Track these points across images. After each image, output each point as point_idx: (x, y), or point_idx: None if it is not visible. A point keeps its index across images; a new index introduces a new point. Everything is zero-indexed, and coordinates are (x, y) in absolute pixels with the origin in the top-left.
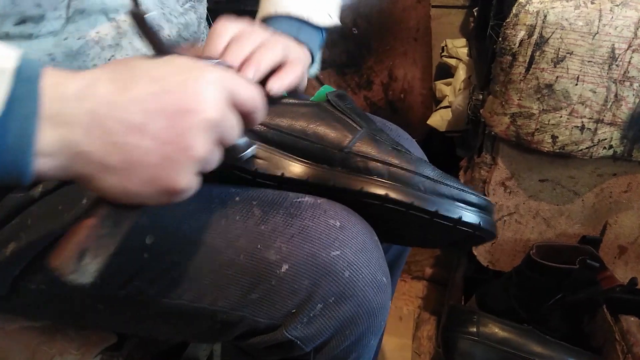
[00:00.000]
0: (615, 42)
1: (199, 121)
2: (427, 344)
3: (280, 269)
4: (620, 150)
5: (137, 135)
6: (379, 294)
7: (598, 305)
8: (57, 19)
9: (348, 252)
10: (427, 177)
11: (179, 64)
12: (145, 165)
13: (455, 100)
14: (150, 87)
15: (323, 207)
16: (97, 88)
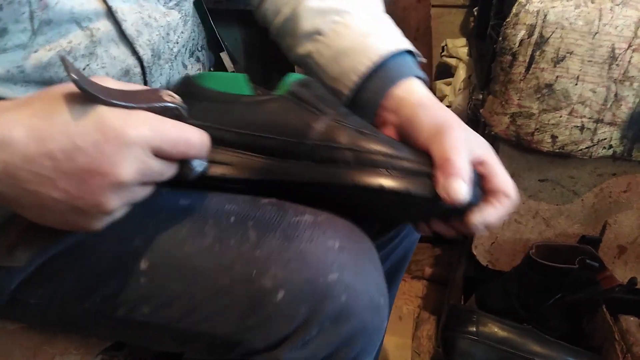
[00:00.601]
0: (616, 42)
1: (110, 184)
2: (427, 343)
3: (276, 296)
4: (620, 150)
5: (48, 187)
6: (376, 315)
7: (597, 305)
8: (23, 31)
9: (346, 275)
10: (397, 157)
11: (101, 117)
12: (57, 211)
13: (455, 100)
14: (64, 144)
15: (322, 228)
16: (13, 138)
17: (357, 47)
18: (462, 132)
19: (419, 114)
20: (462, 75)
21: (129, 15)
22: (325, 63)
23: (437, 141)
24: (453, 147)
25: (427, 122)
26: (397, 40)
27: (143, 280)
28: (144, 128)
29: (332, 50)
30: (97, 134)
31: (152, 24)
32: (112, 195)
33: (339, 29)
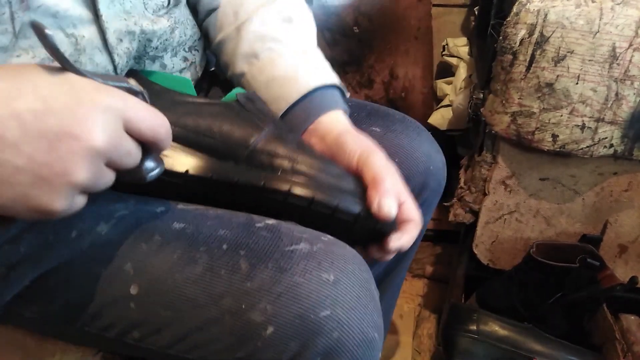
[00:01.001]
0: (616, 41)
1: (81, 148)
2: (428, 342)
3: (265, 331)
4: (621, 149)
5: (11, 152)
6: (368, 351)
7: (598, 303)
8: (3, 33)
9: (339, 311)
10: (330, 173)
11: (74, 83)
12: (15, 183)
13: (456, 99)
14: (34, 104)
15: (317, 259)
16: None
17: (288, 76)
18: (385, 157)
19: (347, 140)
20: (462, 74)
21: (113, 23)
22: (257, 87)
23: (369, 163)
24: (384, 169)
25: (355, 147)
26: (326, 74)
27: (133, 305)
28: (117, 98)
29: (264, 75)
30: (70, 97)
31: (136, 31)
32: (82, 163)
33: (274, 57)
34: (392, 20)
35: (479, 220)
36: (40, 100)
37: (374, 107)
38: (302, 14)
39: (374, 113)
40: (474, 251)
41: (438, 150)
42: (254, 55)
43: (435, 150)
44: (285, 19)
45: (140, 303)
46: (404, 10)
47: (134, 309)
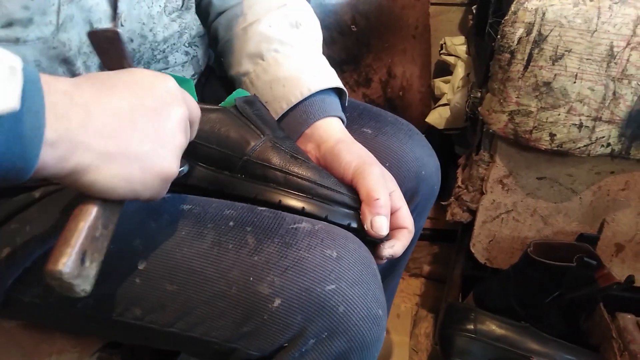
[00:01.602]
0: (614, 40)
1: (175, 113)
2: (425, 341)
3: (272, 304)
4: (618, 148)
5: (129, 128)
6: (374, 327)
7: (595, 302)
8: (47, 25)
9: (343, 285)
10: (322, 185)
11: (140, 72)
12: (140, 153)
13: (453, 98)
14: (127, 90)
15: (320, 236)
16: (82, 89)
17: (292, 78)
18: (379, 169)
19: (341, 150)
20: (460, 73)
21: (129, 23)
22: (260, 86)
23: (363, 178)
24: (378, 185)
25: (350, 158)
26: (329, 79)
27: (138, 280)
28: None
29: (268, 75)
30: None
31: (148, 36)
32: (179, 125)
33: (279, 58)
34: (390, 18)
35: (476, 219)
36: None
37: (366, 108)
38: (310, 20)
39: (366, 114)
40: (472, 250)
41: (431, 153)
42: (259, 55)
43: (428, 153)
44: (292, 24)
45: (146, 278)
46: (402, 9)
47: (139, 284)
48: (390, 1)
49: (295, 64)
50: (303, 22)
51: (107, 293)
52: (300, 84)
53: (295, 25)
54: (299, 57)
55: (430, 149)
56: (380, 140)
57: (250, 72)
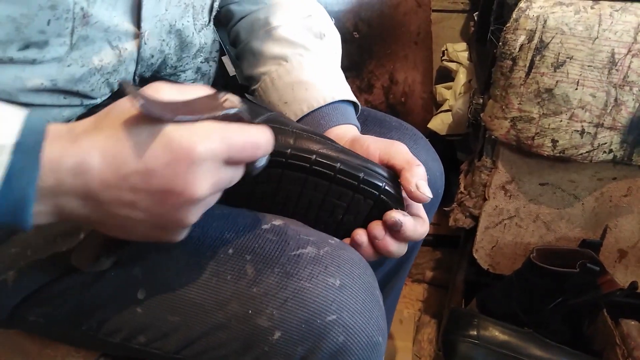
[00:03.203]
0: (615, 47)
1: (187, 201)
2: (428, 347)
3: (272, 336)
4: (620, 155)
5: (129, 209)
6: (373, 354)
7: (598, 309)
8: (62, 45)
9: (345, 315)
10: (331, 144)
11: (170, 137)
12: (139, 230)
13: (455, 104)
14: (137, 167)
15: (324, 263)
16: (90, 165)
17: (315, 83)
18: (404, 145)
19: (361, 138)
20: (462, 79)
21: (151, 41)
22: (281, 86)
23: (395, 152)
24: (412, 155)
25: (372, 141)
26: (349, 92)
27: (140, 310)
28: (212, 141)
29: (291, 77)
30: (167, 155)
31: (166, 51)
32: (189, 211)
33: (304, 62)
34: (392, 25)
35: (479, 225)
36: (142, 163)
37: (371, 113)
38: (332, 33)
39: (371, 119)
40: (474, 256)
41: (435, 158)
42: (283, 57)
43: (433, 158)
44: (317, 35)
45: (147, 308)
46: (404, 15)
47: (141, 314)
48: (392, 8)
49: (319, 70)
50: (327, 34)
51: (110, 319)
52: (324, 90)
53: (319, 36)
54: (323, 65)
55: (435, 154)
56: None
57: (272, 71)
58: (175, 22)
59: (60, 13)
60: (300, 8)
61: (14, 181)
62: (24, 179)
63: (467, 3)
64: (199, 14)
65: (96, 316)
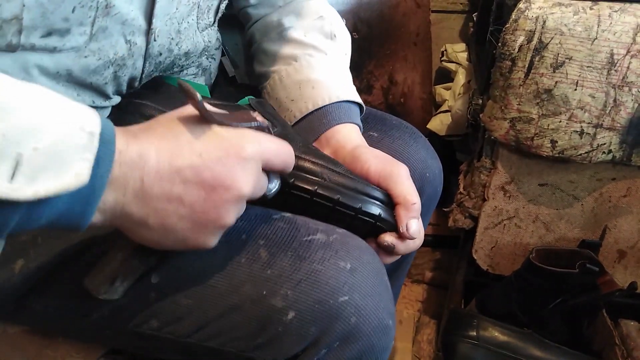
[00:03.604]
0: (614, 48)
1: (232, 196)
2: (427, 347)
3: (286, 316)
4: (620, 155)
5: (176, 203)
6: (384, 337)
7: (598, 309)
8: (82, 35)
9: (356, 297)
10: (333, 170)
11: (220, 136)
12: (178, 229)
13: (455, 105)
14: (191, 161)
15: (334, 247)
16: (148, 157)
17: (323, 82)
18: (406, 171)
19: (362, 153)
20: (461, 80)
21: (161, 39)
22: (289, 84)
23: (393, 181)
24: (412, 188)
25: (373, 161)
26: (354, 92)
27: (153, 294)
28: (257, 143)
29: (299, 76)
30: (220, 151)
31: (174, 51)
32: (231, 209)
33: (312, 62)
34: (391, 26)
35: (478, 226)
36: (197, 156)
37: (371, 112)
38: (343, 34)
39: (371, 118)
40: (474, 257)
41: (434, 156)
42: (293, 57)
43: (432, 156)
44: (327, 35)
45: (161, 292)
46: (403, 16)
47: (154, 298)
48: (392, 9)
49: (327, 70)
50: (337, 35)
51: (123, 305)
52: (330, 90)
53: (330, 37)
54: (331, 65)
55: (434, 152)
56: (386, 143)
57: (281, 70)
58: (182, 20)
59: (86, 1)
60: (312, 10)
61: (97, 168)
62: (104, 167)
63: (466, 4)
64: (204, 14)
65: (108, 303)
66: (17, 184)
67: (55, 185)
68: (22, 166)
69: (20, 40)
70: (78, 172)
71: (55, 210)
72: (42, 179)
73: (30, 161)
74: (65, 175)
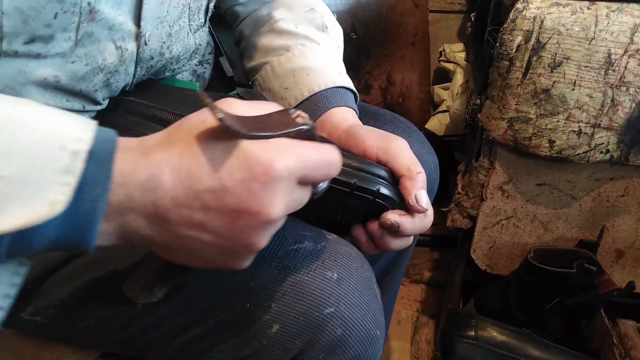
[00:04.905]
0: (612, 48)
1: (260, 222)
2: (426, 347)
3: (270, 329)
4: (617, 155)
5: (198, 230)
6: (371, 347)
7: (596, 309)
8: (66, 40)
9: (343, 308)
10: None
11: (246, 153)
12: (204, 253)
13: (453, 105)
14: (211, 185)
15: (321, 257)
16: (161, 181)
17: (317, 69)
18: (405, 142)
19: (359, 129)
20: (459, 80)
21: (152, 42)
22: (282, 73)
23: (395, 153)
24: (414, 158)
25: (370, 135)
26: (348, 80)
27: (139, 306)
28: (289, 158)
29: (292, 64)
30: (244, 172)
31: (166, 54)
32: (261, 234)
33: (305, 51)
34: (389, 26)
35: (476, 226)
36: (217, 180)
37: (364, 107)
38: (335, 26)
39: (365, 113)
40: (472, 256)
41: (430, 151)
42: (285, 47)
43: (427, 150)
44: (319, 27)
45: (146, 305)
46: (401, 16)
47: (140, 311)
48: (390, 9)
49: (320, 58)
50: (329, 27)
51: (106, 317)
52: (325, 76)
53: (321, 29)
54: (325, 54)
55: (429, 146)
56: None
57: (273, 60)
58: (174, 23)
59: (67, 6)
60: (302, 2)
61: (85, 192)
62: (96, 191)
63: (464, 4)
64: (195, 15)
65: (93, 313)
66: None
67: (23, 217)
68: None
69: (2, 47)
70: (53, 201)
71: (46, 237)
72: (7, 211)
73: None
74: (38, 204)
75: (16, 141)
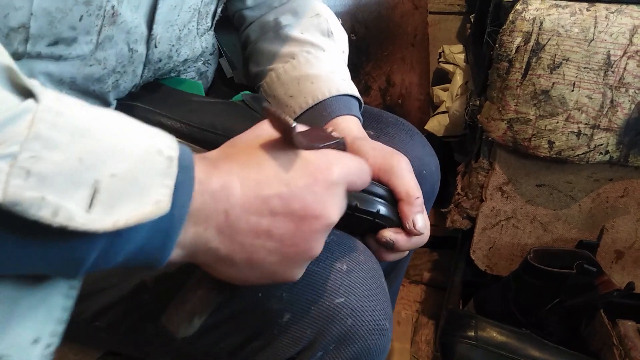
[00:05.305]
0: (611, 49)
1: (322, 226)
2: (426, 348)
3: (282, 319)
4: (617, 156)
5: (264, 238)
6: (380, 339)
7: (595, 309)
8: (88, 43)
9: (352, 299)
10: None
11: (306, 161)
12: (266, 263)
13: (452, 106)
14: (279, 190)
15: (330, 248)
16: (232, 189)
17: (322, 77)
18: (407, 163)
19: (361, 146)
20: (459, 81)
21: (161, 46)
22: (287, 80)
23: (395, 174)
24: (414, 181)
25: (373, 153)
26: (353, 87)
27: (147, 297)
28: (342, 165)
29: (297, 72)
30: (307, 178)
31: (173, 56)
32: (320, 238)
33: (311, 59)
34: (389, 27)
35: (476, 227)
36: (284, 185)
37: (367, 109)
38: (340, 32)
39: (367, 115)
40: (472, 257)
41: (431, 153)
42: (291, 55)
43: (428, 153)
44: (324, 33)
45: (155, 295)
46: (401, 17)
47: (148, 301)
48: (389, 10)
49: (326, 65)
50: (334, 32)
51: (116, 307)
52: (329, 83)
53: (327, 34)
54: (330, 60)
55: (431, 149)
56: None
57: (279, 68)
58: (183, 27)
59: (93, 9)
60: (308, 8)
61: (176, 197)
62: (184, 197)
63: (464, 5)
64: (203, 19)
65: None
66: (96, 213)
67: (135, 214)
68: (100, 194)
69: (26, 48)
70: (158, 200)
71: (134, 244)
72: (121, 208)
73: (108, 188)
74: (145, 203)
75: (125, 141)
